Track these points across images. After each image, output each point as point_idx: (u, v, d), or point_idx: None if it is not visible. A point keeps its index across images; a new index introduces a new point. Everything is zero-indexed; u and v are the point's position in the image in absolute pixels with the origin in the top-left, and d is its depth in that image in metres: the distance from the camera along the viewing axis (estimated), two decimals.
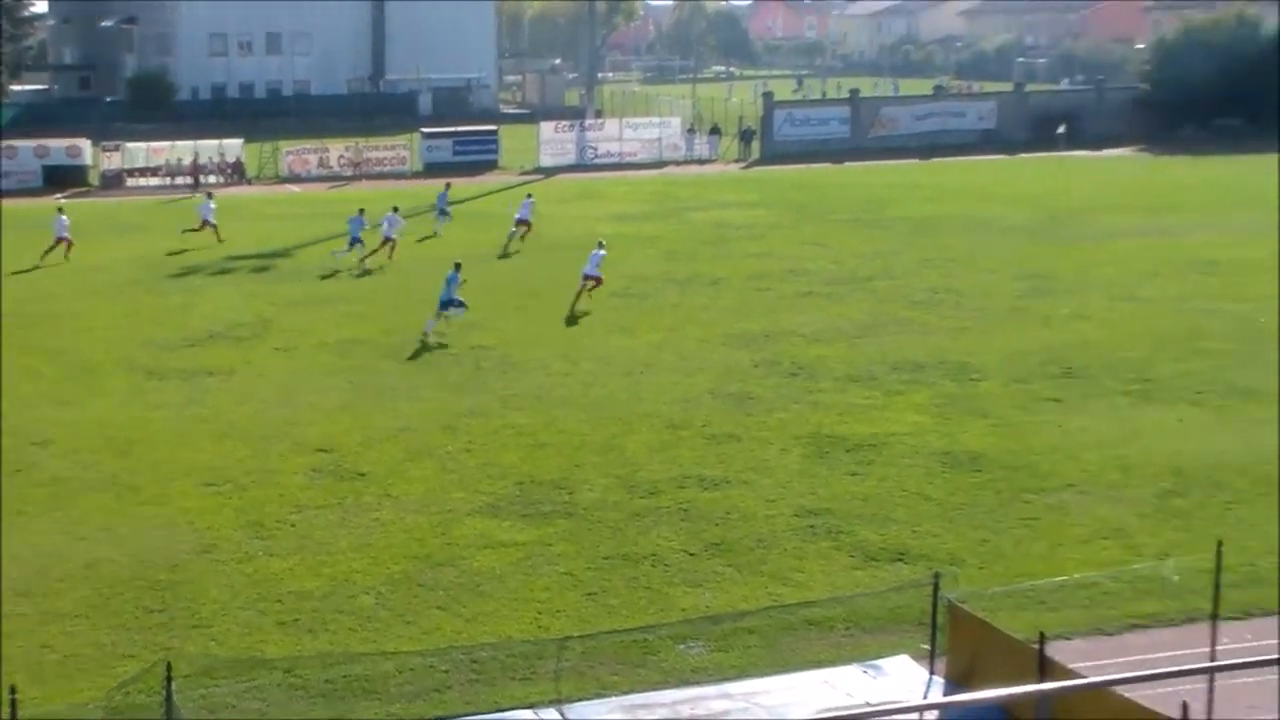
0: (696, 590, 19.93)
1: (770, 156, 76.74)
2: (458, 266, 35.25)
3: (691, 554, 21.12)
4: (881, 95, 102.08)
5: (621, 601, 19.60)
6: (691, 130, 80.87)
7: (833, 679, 17.14)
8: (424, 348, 33.25)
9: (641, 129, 78.45)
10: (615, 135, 76.69)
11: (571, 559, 20.98)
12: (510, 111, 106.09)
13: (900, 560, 20.68)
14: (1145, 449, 25.36)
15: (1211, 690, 15.16)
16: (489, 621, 19.06)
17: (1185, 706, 12.45)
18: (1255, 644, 16.63)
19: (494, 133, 76.19)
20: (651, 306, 38.05)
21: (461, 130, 76.62)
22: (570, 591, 19.94)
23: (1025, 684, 13.59)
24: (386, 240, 43.87)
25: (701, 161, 76.42)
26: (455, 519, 22.57)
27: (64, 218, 45.57)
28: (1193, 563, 18.93)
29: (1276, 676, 8.54)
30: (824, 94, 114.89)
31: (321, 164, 70.42)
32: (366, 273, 42.65)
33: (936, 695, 16.59)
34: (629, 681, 17.34)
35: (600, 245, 39.70)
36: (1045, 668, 14.78)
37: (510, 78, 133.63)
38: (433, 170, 71.12)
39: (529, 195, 51.72)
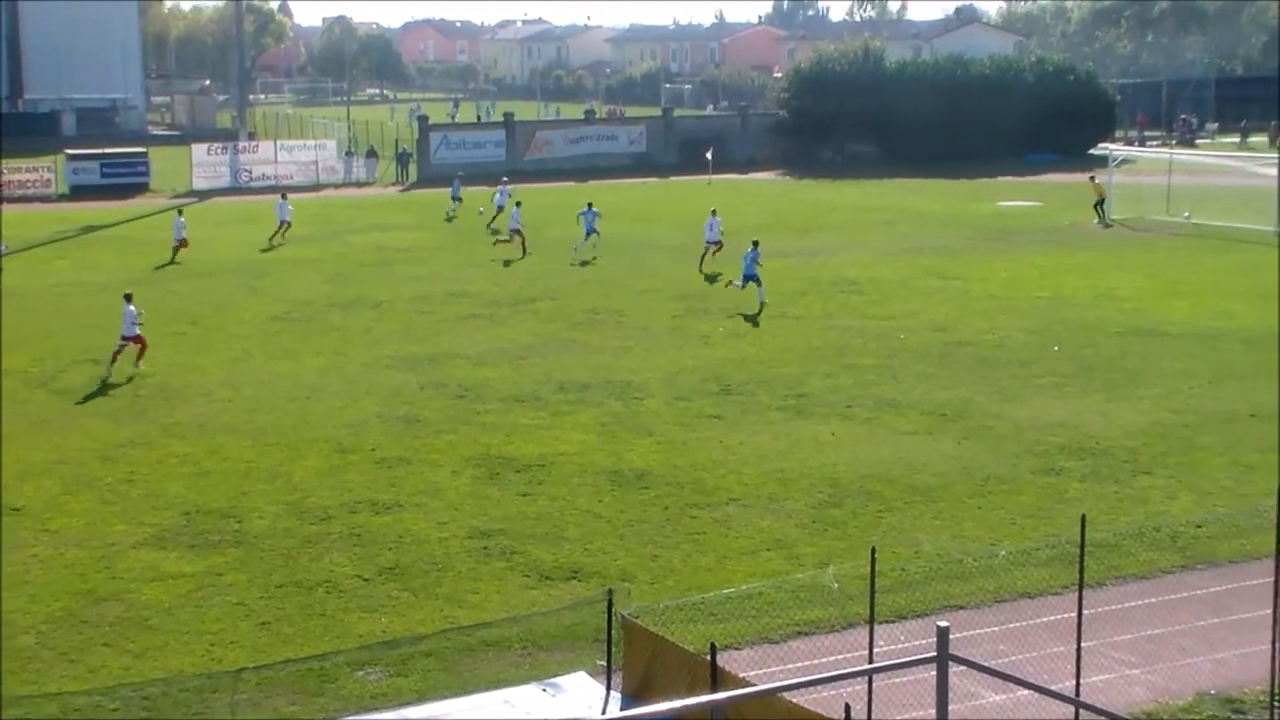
0: (372, 615, 19.84)
1: (427, 179, 76.81)
2: (756, 244, 40.99)
3: (365, 579, 21.02)
4: (536, 119, 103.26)
5: (296, 630, 19.37)
6: (349, 153, 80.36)
7: (512, 698, 17.34)
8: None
9: (297, 151, 77.62)
10: (270, 158, 75.63)
11: (243, 588, 20.62)
12: (160, 133, 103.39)
13: (574, 578, 21.02)
14: (801, 462, 26.39)
15: (871, 691, 15.99)
16: (159, 656, 18.57)
17: (848, 708, 13.11)
18: (909, 645, 17.57)
19: (144, 155, 74.26)
20: (314, 330, 37.64)
21: (109, 152, 74.40)
22: (243, 622, 19.60)
23: (699, 694, 14.05)
24: (515, 232, 50.24)
25: (359, 184, 76.03)
26: (119, 552, 21.91)
27: (181, 219, 48.51)
28: (850, 570, 19.90)
29: (929, 675, 9.15)
30: (479, 117, 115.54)
31: None
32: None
33: (614, 710, 16.97)
34: (307, 711, 17.16)
35: (714, 213, 47.61)
36: (717, 677, 15.29)
37: (158, 98, 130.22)
38: (79, 193, 68.81)
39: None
